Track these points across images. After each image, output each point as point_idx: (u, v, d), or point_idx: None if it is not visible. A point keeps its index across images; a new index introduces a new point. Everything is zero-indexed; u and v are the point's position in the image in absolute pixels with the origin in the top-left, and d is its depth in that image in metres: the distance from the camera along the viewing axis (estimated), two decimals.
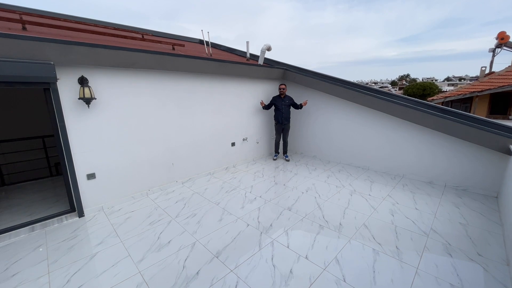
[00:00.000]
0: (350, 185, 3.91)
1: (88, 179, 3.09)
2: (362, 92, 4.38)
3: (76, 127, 2.89)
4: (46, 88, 2.66)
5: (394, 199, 3.37)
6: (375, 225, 2.75)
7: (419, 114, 3.80)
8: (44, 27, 3.66)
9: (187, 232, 2.69)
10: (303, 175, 4.42)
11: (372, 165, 4.62)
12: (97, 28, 5.00)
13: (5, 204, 3.49)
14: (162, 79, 3.61)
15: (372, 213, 3.01)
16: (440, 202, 3.26)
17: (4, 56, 2.31)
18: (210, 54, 5.27)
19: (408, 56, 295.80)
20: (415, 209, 3.08)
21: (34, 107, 5.12)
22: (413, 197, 3.43)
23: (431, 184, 3.88)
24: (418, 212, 3.00)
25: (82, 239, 2.62)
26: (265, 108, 5.26)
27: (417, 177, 4.08)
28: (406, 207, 3.13)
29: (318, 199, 3.44)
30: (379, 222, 2.79)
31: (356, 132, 4.76)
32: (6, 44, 2.27)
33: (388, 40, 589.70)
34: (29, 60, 2.41)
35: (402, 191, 3.65)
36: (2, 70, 2.29)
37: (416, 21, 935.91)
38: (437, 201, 3.29)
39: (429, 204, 3.21)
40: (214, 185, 4.04)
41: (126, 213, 3.16)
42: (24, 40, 2.32)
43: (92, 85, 2.92)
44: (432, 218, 2.86)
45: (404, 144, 4.17)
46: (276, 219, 2.92)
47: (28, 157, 4.52)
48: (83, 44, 2.62)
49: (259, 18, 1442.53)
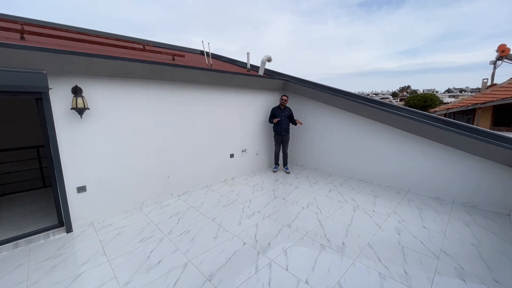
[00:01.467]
0: (353, 200, 3.74)
1: (78, 192, 2.95)
2: (363, 103, 4.28)
3: (67, 138, 2.78)
4: (38, 97, 2.59)
5: (400, 216, 3.19)
6: (380, 245, 2.56)
7: (423, 126, 3.67)
8: (43, 36, 3.63)
9: (179, 251, 2.52)
10: (303, 189, 4.25)
11: (375, 179, 4.46)
12: (98, 39, 5.00)
13: None
14: (158, 90, 3.54)
15: (377, 231, 2.83)
16: (449, 219, 3.08)
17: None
18: (210, 64, 5.24)
19: (408, 68, 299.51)
20: (422, 228, 2.89)
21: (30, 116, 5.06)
22: (420, 214, 3.25)
23: (438, 200, 3.70)
24: (426, 231, 2.81)
25: (67, 257, 2.45)
26: (270, 122, 5.15)
27: (423, 192, 3.90)
28: (413, 225, 2.95)
29: (320, 215, 3.27)
30: (385, 242, 2.61)
31: (358, 144, 4.63)
32: None
33: (388, 53, 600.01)
34: (20, 69, 2.34)
35: (408, 207, 3.47)
36: None
37: (416, 34, 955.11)
38: (445, 218, 3.11)
39: (438, 222, 3.03)
40: (211, 199, 3.88)
41: (116, 228, 3.00)
42: (15, 49, 2.26)
43: (86, 95, 2.84)
44: (441, 238, 2.67)
45: (408, 157, 4.02)
46: (274, 237, 2.74)
47: (22, 167, 4.40)
48: (76, 53, 2.56)
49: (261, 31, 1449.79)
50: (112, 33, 6.28)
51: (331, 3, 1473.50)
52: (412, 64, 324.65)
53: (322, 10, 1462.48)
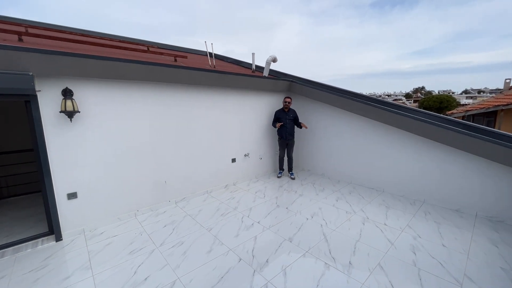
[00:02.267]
0: (362, 211, 3.43)
1: (69, 198, 2.82)
2: (374, 106, 3.97)
3: (56, 142, 2.66)
4: (27, 100, 2.47)
5: (415, 231, 2.86)
6: (393, 266, 2.27)
7: (440, 131, 3.33)
8: (42, 38, 3.57)
9: (169, 266, 2.32)
10: (309, 197, 3.98)
11: (387, 187, 4.12)
12: (101, 40, 4.95)
13: None
14: (156, 92, 3.38)
15: (389, 249, 2.53)
16: (472, 237, 2.73)
17: None
18: (214, 65, 5.07)
19: (423, 69, 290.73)
20: (441, 246, 2.56)
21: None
22: (438, 229, 2.91)
23: (459, 212, 3.33)
24: (446, 251, 2.48)
25: (52, 269, 2.30)
26: (274, 126, 4.89)
27: (441, 203, 3.54)
28: (430, 243, 2.63)
29: (325, 227, 2.99)
30: (398, 263, 2.31)
31: (369, 149, 4.31)
32: None
33: (401, 53, 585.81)
34: (5, 71, 2.22)
35: (424, 220, 3.13)
36: None
37: (430, 33, 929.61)
38: (468, 236, 2.76)
39: (459, 239, 2.68)
40: (209, 206, 3.68)
41: (107, 237, 2.85)
42: (1, 50, 2.14)
43: (77, 97, 2.71)
44: (464, 259, 2.34)
45: (424, 165, 3.67)
46: (273, 253, 2.50)
47: (23, 170, 4.37)
48: (63, 54, 2.43)
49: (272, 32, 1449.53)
50: (117, 35, 6.25)
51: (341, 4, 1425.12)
52: (427, 65, 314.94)
53: (332, 11, 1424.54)
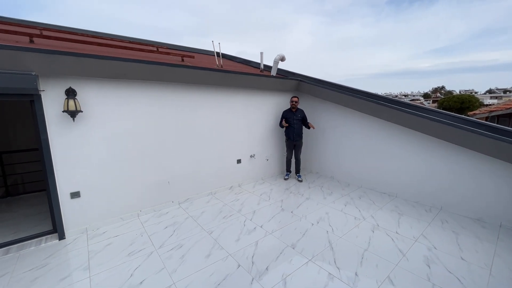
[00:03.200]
0: (372, 217, 3.23)
1: (72, 197, 2.84)
2: (388, 106, 3.74)
3: (60, 142, 2.68)
4: (31, 100, 2.51)
5: (431, 242, 2.63)
6: (404, 280, 2.08)
7: (461, 133, 3.07)
8: (53, 40, 3.65)
9: (166, 270, 2.26)
10: (316, 201, 3.81)
11: (400, 192, 3.87)
12: (111, 42, 5.03)
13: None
14: (160, 91, 3.35)
15: (400, 260, 2.33)
16: (495, 250, 2.47)
17: None
18: (221, 65, 5.02)
19: (443, 68, 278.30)
20: (460, 259, 2.33)
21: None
22: (456, 240, 2.67)
23: (481, 222, 3.05)
24: (466, 265, 2.25)
25: (51, 269, 2.30)
26: (281, 126, 4.76)
27: (460, 211, 3.27)
28: (447, 255, 2.40)
29: (331, 234, 2.83)
30: (410, 276, 2.12)
31: (381, 152, 4.07)
32: None
33: (419, 51, 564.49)
34: (9, 71, 2.25)
35: (441, 229, 2.89)
36: None
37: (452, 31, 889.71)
38: (491, 248, 2.50)
39: (481, 252, 2.44)
40: (212, 208, 3.61)
41: (108, 238, 2.84)
42: (3, 50, 2.17)
43: (80, 97, 2.72)
44: (486, 276, 2.11)
45: (441, 169, 3.40)
46: (274, 260, 2.37)
47: (35, 168, 4.51)
48: (67, 54, 2.44)
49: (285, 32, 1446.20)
50: (127, 36, 6.36)
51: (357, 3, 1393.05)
52: (447, 63, 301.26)
53: (347, 10, 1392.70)
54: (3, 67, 2.23)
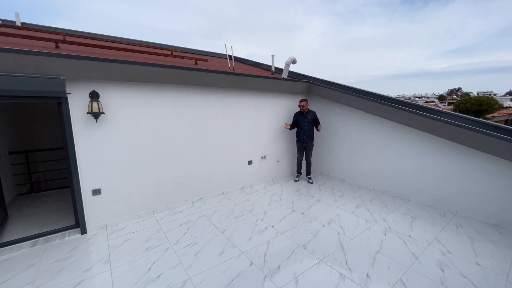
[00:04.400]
0: (384, 220, 3.22)
1: (93, 194, 3.00)
2: (401, 109, 3.72)
3: (83, 141, 2.85)
4: (59, 102, 2.68)
5: (445, 246, 2.60)
6: (416, 282, 2.07)
7: (478, 137, 3.01)
8: (76, 45, 3.87)
9: (182, 265, 2.35)
10: (326, 203, 3.83)
11: (413, 196, 3.82)
12: (129, 46, 5.25)
13: (25, 212, 3.60)
14: (175, 94, 3.49)
15: (413, 263, 2.33)
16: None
17: (19, 71, 2.36)
18: (233, 68, 5.13)
19: (460, 69, 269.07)
20: (475, 264, 2.30)
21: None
22: (472, 245, 2.62)
23: (498, 228, 2.98)
24: (481, 270, 2.22)
25: (75, 261, 2.45)
26: (291, 129, 4.84)
27: (476, 216, 3.20)
28: (462, 260, 2.37)
29: (342, 236, 2.85)
30: (423, 279, 2.11)
31: (394, 154, 4.04)
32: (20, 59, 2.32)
33: (435, 52, 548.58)
34: (40, 75, 2.43)
35: (455, 234, 2.84)
36: (16, 85, 2.33)
37: (470, 30, 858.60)
38: (508, 254, 2.45)
39: (497, 258, 2.39)
40: (224, 208, 3.69)
41: (127, 233, 2.97)
42: (36, 56, 2.35)
43: (103, 99, 2.89)
44: (503, 282, 2.07)
45: (456, 173, 3.34)
46: (286, 259, 2.42)
47: (56, 167, 4.76)
48: (90, 59, 2.60)
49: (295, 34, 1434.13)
50: (144, 41, 6.60)
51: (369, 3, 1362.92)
52: (465, 64, 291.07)
53: (359, 10, 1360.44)
54: (35, 72, 2.41)
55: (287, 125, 4.77)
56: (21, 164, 4.41)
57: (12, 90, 2.32)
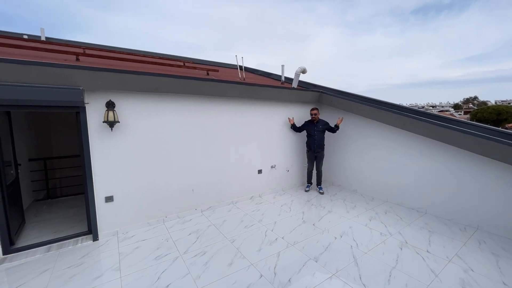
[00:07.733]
0: (399, 233, 3.08)
1: (106, 201, 3.06)
2: (414, 118, 3.63)
3: (98, 149, 2.93)
4: (77, 111, 2.80)
5: (466, 263, 2.45)
6: None
7: (501, 147, 2.87)
8: (94, 58, 4.07)
9: (190, 275, 2.32)
10: (338, 214, 3.72)
11: (430, 208, 3.66)
12: (144, 58, 5.46)
13: (41, 218, 3.70)
14: (186, 103, 3.57)
15: (433, 281, 2.19)
16: None
17: (42, 83, 2.49)
18: (243, 78, 5.21)
19: (476, 77, 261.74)
20: (502, 284, 2.14)
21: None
22: (497, 262, 2.45)
23: None
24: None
25: (86, 268, 2.47)
26: (293, 129, 4.82)
27: (500, 231, 3.00)
28: (486, 278, 2.21)
29: (355, 249, 2.74)
30: None
31: (408, 165, 3.91)
32: (44, 71, 2.46)
33: (449, 60, 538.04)
34: (61, 86, 2.56)
35: (478, 250, 2.68)
36: (39, 95, 2.47)
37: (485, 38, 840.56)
38: None
39: None
40: (234, 217, 3.66)
41: (137, 241, 2.99)
42: (58, 68, 2.48)
43: (118, 108, 2.99)
44: None
45: (475, 185, 3.18)
46: (297, 273, 2.35)
47: (71, 174, 4.91)
48: (107, 70, 2.72)
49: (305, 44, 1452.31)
50: (157, 53, 6.85)
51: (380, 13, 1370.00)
52: (480, 72, 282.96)
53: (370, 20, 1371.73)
54: (57, 83, 2.54)
55: (291, 119, 4.76)
56: (39, 171, 4.58)
57: (36, 100, 2.45)
